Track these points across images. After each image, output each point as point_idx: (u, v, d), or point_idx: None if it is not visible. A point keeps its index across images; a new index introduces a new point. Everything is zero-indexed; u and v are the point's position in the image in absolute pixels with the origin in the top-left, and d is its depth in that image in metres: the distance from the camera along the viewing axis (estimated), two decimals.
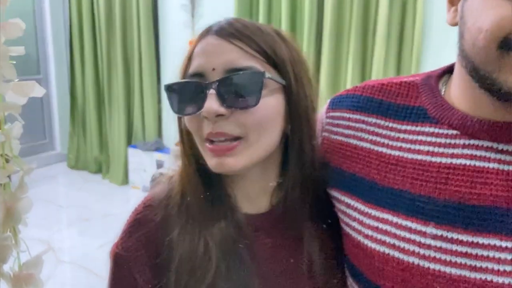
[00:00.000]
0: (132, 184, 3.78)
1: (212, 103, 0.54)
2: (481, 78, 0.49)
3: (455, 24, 0.54)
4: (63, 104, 4.31)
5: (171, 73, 0.64)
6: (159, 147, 3.66)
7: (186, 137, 0.63)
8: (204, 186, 0.62)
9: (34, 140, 4.26)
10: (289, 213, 0.63)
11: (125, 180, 3.87)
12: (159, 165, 3.58)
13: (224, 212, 0.62)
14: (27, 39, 4.06)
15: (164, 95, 3.49)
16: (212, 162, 0.58)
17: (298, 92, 0.60)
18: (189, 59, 0.60)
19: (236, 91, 0.55)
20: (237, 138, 0.56)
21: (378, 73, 2.66)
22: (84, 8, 3.87)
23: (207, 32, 0.59)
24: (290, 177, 0.62)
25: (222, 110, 0.55)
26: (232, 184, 0.64)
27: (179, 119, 0.63)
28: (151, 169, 3.55)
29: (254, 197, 0.65)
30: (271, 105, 0.57)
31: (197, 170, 0.62)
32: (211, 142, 0.57)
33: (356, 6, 2.67)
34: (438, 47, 2.58)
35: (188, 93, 0.58)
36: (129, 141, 3.91)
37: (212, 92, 0.55)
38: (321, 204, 0.66)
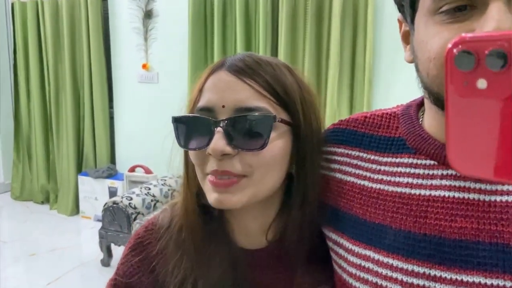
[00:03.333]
0: (83, 214, 3.58)
1: (219, 142, 0.53)
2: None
3: (412, 61, 0.54)
4: (6, 130, 4.07)
5: (124, 97, 0.60)
6: (112, 174, 3.51)
7: (191, 171, 0.62)
8: (203, 221, 0.61)
9: None
10: (285, 251, 0.62)
11: (75, 210, 3.67)
12: (112, 192, 3.42)
13: (220, 247, 0.61)
14: None
15: (117, 119, 3.34)
16: (212, 197, 0.56)
17: (306, 133, 0.59)
18: (200, 91, 0.58)
19: (245, 132, 0.53)
20: (241, 176, 0.55)
21: (333, 94, 2.72)
22: (29, 30, 3.71)
23: (219, 66, 0.58)
24: (291, 216, 0.61)
25: (228, 149, 0.53)
26: (231, 219, 0.63)
27: (186, 152, 0.61)
28: (103, 197, 3.38)
29: (252, 233, 0.64)
30: (278, 147, 0.56)
31: (197, 205, 0.61)
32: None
33: (309, 29, 2.73)
34: (388, 68, 2.67)
35: (195, 127, 0.56)
36: (79, 168, 3.72)
37: (220, 130, 0.54)
38: (317, 243, 0.64)
